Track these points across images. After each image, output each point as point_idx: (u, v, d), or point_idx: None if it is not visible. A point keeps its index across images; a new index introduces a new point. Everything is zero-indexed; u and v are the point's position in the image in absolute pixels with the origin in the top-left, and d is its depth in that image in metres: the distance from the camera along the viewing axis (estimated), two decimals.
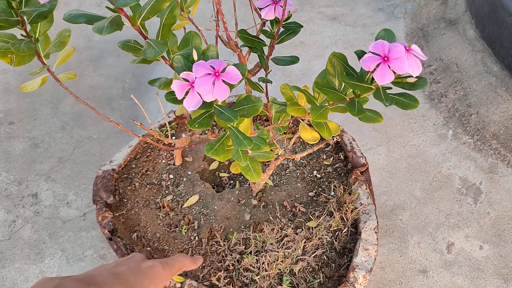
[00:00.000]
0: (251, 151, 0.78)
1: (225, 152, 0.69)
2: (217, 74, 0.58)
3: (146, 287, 0.57)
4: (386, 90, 0.60)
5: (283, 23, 0.75)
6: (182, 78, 0.59)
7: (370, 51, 0.57)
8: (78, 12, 0.60)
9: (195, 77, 0.58)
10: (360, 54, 0.59)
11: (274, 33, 0.75)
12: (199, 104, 0.59)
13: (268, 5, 0.73)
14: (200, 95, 0.59)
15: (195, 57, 0.61)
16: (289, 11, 0.74)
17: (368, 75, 0.61)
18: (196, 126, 0.62)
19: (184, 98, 0.60)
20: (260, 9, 0.74)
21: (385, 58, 0.55)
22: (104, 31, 0.55)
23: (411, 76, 0.58)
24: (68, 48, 0.70)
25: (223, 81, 0.59)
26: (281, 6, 0.71)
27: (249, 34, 0.76)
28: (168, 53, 0.69)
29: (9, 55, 0.63)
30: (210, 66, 0.59)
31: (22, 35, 0.63)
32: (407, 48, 0.56)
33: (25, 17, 0.59)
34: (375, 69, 0.56)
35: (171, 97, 0.63)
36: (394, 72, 0.56)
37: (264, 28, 0.80)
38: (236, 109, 0.65)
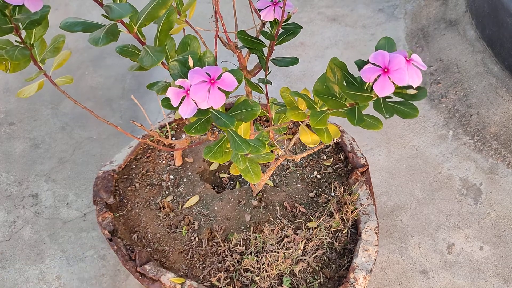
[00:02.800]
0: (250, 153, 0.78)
1: (223, 154, 0.69)
2: (212, 81, 0.58)
3: None
4: (386, 99, 0.59)
5: (283, 24, 0.75)
6: (177, 85, 0.59)
7: (370, 62, 0.56)
8: (74, 20, 0.60)
9: (190, 85, 0.58)
10: (360, 64, 0.58)
11: (274, 34, 0.75)
12: (194, 112, 0.59)
13: (267, 6, 0.73)
14: (195, 103, 0.59)
15: (191, 64, 0.61)
16: (289, 12, 0.74)
17: (368, 84, 0.61)
18: (193, 131, 0.62)
19: (179, 105, 0.59)
20: (260, 10, 0.74)
21: (385, 70, 0.55)
22: (99, 42, 0.55)
23: (411, 87, 0.57)
24: (64, 52, 0.70)
25: (219, 88, 0.58)
26: (281, 7, 0.71)
27: (249, 35, 0.76)
28: (167, 58, 0.69)
29: (4, 62, 0.63)
30: (206, 73, 0.59)
31: (17, 41, 0.63)
32: (407, 58, 0.55)
33: (19, 24, 0.59)
34: (375, 80, 0.55)
35: (167, 103, 0.62)
36: (394, 84, 0.55)
37: (263, 29, 0.80)
38: (233, 113, 0.65)
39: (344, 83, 0.63)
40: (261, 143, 0.69)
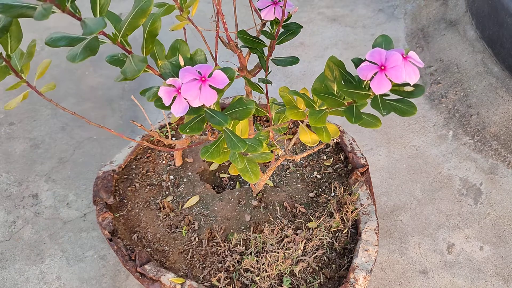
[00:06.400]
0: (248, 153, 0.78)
1: (221, 154, 0.69)
2: (203, 79, 0.58)
3: None
4: (384, 97, 0.59)
5: (283, 23, 0.75)
6: (169, 84, 0.59)
7: (366, 60, 0.56)
8: (59, 35, 0.59)
9: (181, 83, 0.58)
10: (357, 62, 0.58)
11: (274, 34, 0.75)
12: (186, 110, 0.59)
13: (268, 6, 0.73)
14: (187, 101, 0.59)
15: (182, 63, 0.61)
16: (289, 12, 0.74)
17: (365, 82, 0.61)
18: (188, 131, 0.62)
19: (171, 104, 0.59)
20: (260, 10, 0.74)
21: (382, 67, 0.55)
22: (76, 58, 0.55)
23: (409, 84, 0.57)
24: (44, 61, 0.71)
25: (210, 86, 0.58)
26: (281, 7, 0.71)
27: (249, 35, 0.76)
28: (157, 63, 0.69)
29: None
30: (197, 71, 0.59)
31: None
32: (404, 55, 0.55)
33: None
34: (372, 77, 0.56)
35: (160, 103, 0.62)
36: (391, 81, 0.55)
37: (264, 29, 0.80)
38: (229, 112, 0.65)
39: (342, 81, 0.63)
40: (258, 142, 0.69)
